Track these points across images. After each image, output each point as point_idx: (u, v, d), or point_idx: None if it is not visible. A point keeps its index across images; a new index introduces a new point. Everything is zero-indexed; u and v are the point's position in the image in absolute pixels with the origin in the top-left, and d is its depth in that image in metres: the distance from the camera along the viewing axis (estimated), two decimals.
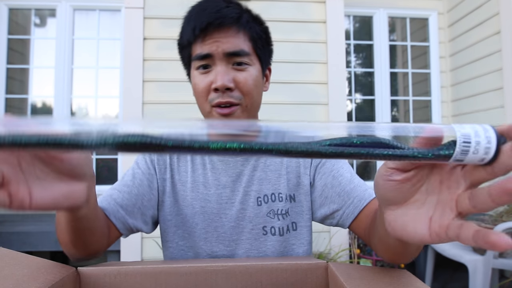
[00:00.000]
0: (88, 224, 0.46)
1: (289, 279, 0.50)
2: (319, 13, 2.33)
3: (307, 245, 0.71)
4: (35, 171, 0.31)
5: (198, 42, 0.63)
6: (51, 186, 0.31)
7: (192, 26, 0.62)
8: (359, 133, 0.25)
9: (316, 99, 2.29)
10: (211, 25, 0.60)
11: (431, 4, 2.82)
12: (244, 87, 0.63)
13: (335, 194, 0.67)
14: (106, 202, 0.62)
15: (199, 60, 0.63)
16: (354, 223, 0.65)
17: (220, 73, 0.61)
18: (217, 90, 0.62)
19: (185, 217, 0.69)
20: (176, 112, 2.18)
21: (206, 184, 0.70)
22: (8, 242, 2.13)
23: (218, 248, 0.68)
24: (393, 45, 2.95)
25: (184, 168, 0.71)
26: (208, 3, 0.64)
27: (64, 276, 0.42)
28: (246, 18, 0.64)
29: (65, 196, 0.32)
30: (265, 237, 0.68)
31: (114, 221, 0.62)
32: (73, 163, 0.33)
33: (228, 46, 0.62)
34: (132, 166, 0.70)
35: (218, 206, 0.69)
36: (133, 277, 0.47)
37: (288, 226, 0.69)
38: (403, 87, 2.97)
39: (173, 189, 0.70)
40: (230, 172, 0.70)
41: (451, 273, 2.40)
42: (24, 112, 2.87)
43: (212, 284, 0.49)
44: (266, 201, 0.69)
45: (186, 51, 0.67)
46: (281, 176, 0.70)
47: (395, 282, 0.43)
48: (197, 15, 0.62)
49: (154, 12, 2.21)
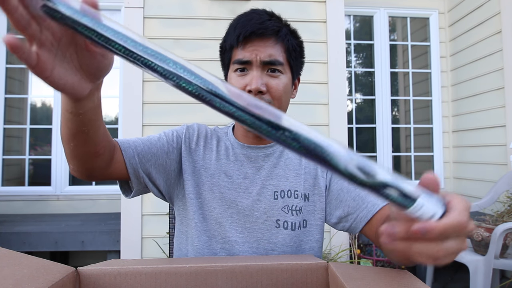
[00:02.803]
0: (87, 123, 0.47)
1: (289, 279, 0.50)
2: (319, 13, 2.33)
3: (315, 243, 0.75)
4: (67, 52, 0.35)
5: (239, 48, 0.70)
6: (69, 72, 0.36)
7: (237, 33, 0.69)
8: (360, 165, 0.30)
9: (316, 99, 2.29)
10: (253, 34, 0.68)
11: (431, 3, 2.82)
12: (275, 92, 0.70)
13: (350, 199, 0.72)
14: (127, 144, 0.67)
15: (239, 64, 0.71)
16: (366, 227, 0.70)
17: (255, 77, 0.69)
18: (250, 92, 0.68)
19: (204, 200, 0.74)
20: (176, 112, 2.18)
21: (227, 173, 0.75)
22: (8, 242, 2.13)
23: (231, 234, 0.72)
24: (394, 45, 2.95)
25: (209, 156, 0.77)
26: (254, 14, 0.71)
27: (64, 276, 0.42)
28: (285, 32, 0.72)
29: (72, 85, 0.37)
30: (277, 229, 0.72)
31: (125, 156, 0.65)
32: (99, 65, 0.38)
33: (266, 55, 0.69)
34: (160, 133, 0.76)
35: (236, 194, 0.74)
36: (133, 277, 0.47)
37: (300, 223, 0.73)
38: (403, 87, 2.97)
39: (195, 172, 0.75)
40: (251, 165, 0.76)
41: (451, 273, 2.40)
42: (23, 111, 2.87)
43: (212, 284, 0.49)
44: (283, 196, 0.74)
45: (227, 55, 0.74)
46: (299, 175, 0.76)
47: (396, 282, 0.42)
48: (243, 24, 0.70)
49: (154, 12, 2.21)
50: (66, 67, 0.36)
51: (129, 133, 2.14)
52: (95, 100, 0.45)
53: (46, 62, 0.33)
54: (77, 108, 0.43)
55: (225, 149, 0.78)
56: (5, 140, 2.79)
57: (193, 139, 0.77)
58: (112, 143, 0.60)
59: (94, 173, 0.59)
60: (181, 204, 0.76)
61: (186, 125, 0.79)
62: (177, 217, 0.79)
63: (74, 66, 0.37)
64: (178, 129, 0.78)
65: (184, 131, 0.77)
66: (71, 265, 0.47)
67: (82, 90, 0.39)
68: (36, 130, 2.86)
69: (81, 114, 0.44)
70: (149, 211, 2.12)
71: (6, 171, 2.80)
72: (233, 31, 0.71)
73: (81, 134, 0.48)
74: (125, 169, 0.66)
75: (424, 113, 2.89)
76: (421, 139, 2.92)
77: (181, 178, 0.75)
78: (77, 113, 0.44)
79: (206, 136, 0.79)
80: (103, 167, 0.59)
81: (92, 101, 0.44)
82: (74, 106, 0.43)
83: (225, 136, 0.80)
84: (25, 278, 0.38)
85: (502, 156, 2.29)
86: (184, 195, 0.75)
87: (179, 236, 0.78)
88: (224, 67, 0.77)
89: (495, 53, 2.33)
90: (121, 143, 0.66)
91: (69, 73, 0.36)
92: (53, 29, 0.33)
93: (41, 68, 0.33)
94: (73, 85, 0.37)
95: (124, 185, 0.72)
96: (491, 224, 1.78)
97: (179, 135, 0.77)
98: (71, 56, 0.36)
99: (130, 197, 0.72)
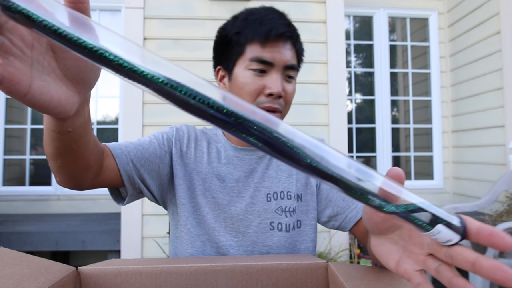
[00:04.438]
0: (77, 139, 0.41)
1: (289, 279, 0.50)
2: (319, 13, 2.33)
3: (310, 242, 0.74)
4: (44, 60, 0.29)
5: (261, 45, 0.66)
6: (52, 85, 0.29)
7: (266, 29, 0.64)
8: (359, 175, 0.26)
9: (316, 99, 2.29)
10: (284, 35, 0.65)
11: (431, 4, 2.82)
12: (289, 97, 0.69)
13: (340, 199, 0.72)
14: (119, 150, 0.62)
15: (258, 63, 0.66)
16: (355, 227, 0.70)
17: (278, 81, 0.66)
18: (270, 95, 0.66)
19: (197, 205, 0.71)
20: (176, 112, 2.18)
21: (219, 177, 0.73)
22: (9, 242, 2.13)
23: (225, 238, 0.70)
24: (393, 45, 2.95)
25: (200, 159, 0.74)
26: (274, 13, 0.68)
27: (64, 275, 0.42)
28: (297, 36, 0.70)
29: (59, 101, 0.30)
30: (272, 232, 0.71)
31: (119, 163, 0.60)
32: (81, 66, 0.31)
33: (289, 59, 0.67)
34: (149, 136, 0.71)
35: (229, 198, 0.72)
36: (133, 277, 0.47)
37: (294, 224, 0.73)
38: (403, 87, 2.97)
39: (187, 176, 0.72)
40: (244, 168, 0.74)
41: None
42: (24, 112, 2.87)
43: (212, 284, 0.49)
44: (276, 198, 0.73)
45: (237, 49, 0.68)
46: (291, 176, 0.75)
47: (395, 282, 0.43)
48: (270, 21, 0.65)
49: (154, 12, 2.21)
50: (47, 79, 0.29)
51: (129, 133, 2.14)
52: (85, 114, 0.38)
53: (18, 75, 0.26)
54: (65, 126, 0.37)
55: (217, 151, 0.75)
56: (6, 140, 2.79)
57: (183, 142, 0.74)
58: (101, 150, 0.54)
59: (84, 185, 0.53)
60: (174, 209, 0.73)
61: (175, 127, 0.75)
62: (171, 222, 0.76)
63: (56, 77, 0.30)
64: (167, 131, 0.74)
65: (174, 133, 0.73)
66: (72, 264, 0.47)
67: (70, 105, 0.32)
68: (37, 130, 2.86)
69: (70, 132, 0.38)
70: (149, 211, 2.12)
71: (7, 171, 2.80)
72: (257, 26, 0.65)
73: (70, 151, 0.42)
74: (117, 176, 0.61)
75: (424, 113, 2.89)
76: (421, 139, 2.92)
77: (172, 182, 0.72)
78: (65, 131, 0.38)
79: (196, 138, 0.75)
80: (92, 177, 0.53)
81: (83, 116, 0.38)
82: (61, 125, 0.36)
83: (215, 137, 0.77)
84: (25, 278, 0.38)
85: (501, 156, 2.29)
86: (176, 199, 0.72)
87: (174, 240, 0.75)
88: (227, 60, 0.71)
89: (494, 54, 2.33)
90: (112, 149, 0.61)
91: (52, 86, 0.29)
92: (21, 33, 0.27)
93: (13, 83, 0.26)
94: (60, 101, 0.30)
95: (114, 191, 0.67)
96: (490, 223, 1.78)
97: (169, 138, 0.72)
98: (50, 64, 0.30)
99: (124, 205, 0.68)
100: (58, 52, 0.30)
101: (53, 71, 0.30)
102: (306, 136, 0.25)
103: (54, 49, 0.30)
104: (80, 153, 0.44)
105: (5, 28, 0.26)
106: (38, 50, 0.28)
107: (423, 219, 0.26)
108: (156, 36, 2.19)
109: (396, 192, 0.25)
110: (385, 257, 0.36)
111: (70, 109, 0.32)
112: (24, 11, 0.22)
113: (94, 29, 0.23)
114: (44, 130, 0.40)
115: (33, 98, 0.28)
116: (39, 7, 0.22)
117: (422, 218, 0.26)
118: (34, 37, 0.28)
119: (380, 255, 0.37)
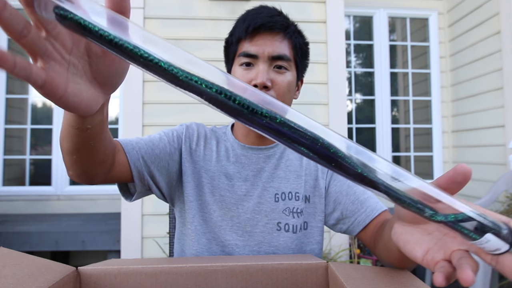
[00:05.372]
0: (94, 136, 0.43)
1: (289, 279, 0.50)
2: (319, 13, 2.33)
3: (316, 245, 0.74)
4: (79, 64, 0.30)
5: (247, 40, 0.68)
6: (83, 87, 0.31)
7: (246, 25, 0.68)
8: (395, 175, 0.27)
9: (316, 99, 2.29)
10: (263, 27, 0.67)
11: (431, 4, 2.82)
12: (280, 88, 0.68)
13: (349, 202, 0.71)
14: (130, 146, 0.63)
15: (245, 57, 0.68)
16: (363, 231, 0.69)
17: (261, 72, 0.66)
18: (256, 86, 0.66)
19: (204, 203, 0.72)
20: (177, 112, 2.18)
21: (227, 175, 0.73)
22: (9, 242, 2.13)
23: (231, 237, 0.70)
24: (393, 45, 2.95)
25: (209, 157, 0.75)
26: (263, 9, 0.70)
27: (64, 275, 0.42)
28: (293, 29, 0.71)
29: (88, 102, 0.32)
30: (279, 232, 0.71)
31: (130, 159, 0.62)
32: (112, 70, 0.33)
33: (273, 50, 0.68)
34: (159, 132, 0.73)
35: (237, 197, 0.72)
36: (134, 277, 0.47)
37: (301, 225, 0.72)
38: (403, 87, 2.97)
39: (195, 173, 0.73)
40: (252, 167, 0.74)
41: None
42: (24, 112, 2.87)
43: (212, 284, 0.49)
44: (283, 199, 0.72)
45: (233, 48, 0.72)
46: (300, 177, 0.75)
47: (395, 282, 0.43)
48: (252, 17, 0.68)
49: (154, 12, 2.21)
50: (79, 81, 0.30)
51: (129, 133, 2.14)
52: (105, 112, 0.40)
53: (57, 78, 0.27)
54: (85, 123, 0.39)
55: (225, 150, 0.76)
56: (6, 140, 2.79)
57: (193, 139, 0.75)
58: (114, 146, 0.56)
59: (96, 179, 0.55)
60: (182, 206, 0.74)
61: (185, 125, 0.76)
62: (177, 219, 0.77)
63: (87, 79, 0.31)
64: (177, 128, 0.75)
65: (184, 131, 0.75)
66: (72, 264, 0.47)
67: (96, 105, 0.33)
68: (36, 130, 2.86)
69: (89, 129, 0.40)
70: (149, 211, 2.12)
71: (7, 171, 2.80)
72: (241, 24, 0.69)
73: (87, 147, 0.44)
74: (128, 172, 0.62)
75: (424, 113, 2.89)
76: (421, 139, 2.92)
77: (181, 180, 0.73)
78: (85, 128, 0.39)
79: (205, 136, 0.76)
80: (105, 172, 0.55)
81: (102, 114, 0.39)
82: (81, 121, 0.38)
83: (224, 136, 0.78)
84: (25, 278, 0.38)
85: (501, 156, 2.29)
86: (183, 197, 0.73)
87: (181, 237, 0.76)
88: (228, 61, 0.75)
89: (494, 54, 2.33)
90: (124, 145, 0.62)
91: (84, 88, 0.31)
92: (63, 38, 0.28)
93: (52, 87, 0.27)
94: (88, 102, 0.32)
95: (123, 187, 0.69)
96: None
97: (179, 135, 0.74)
98: (83, 67, 0.31)
99: (132, 201, 0.69)
100: (93, 57, 0.31)
101: (85, 73, 0.31)
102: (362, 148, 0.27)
103: (89, 54, 0.31)
104: (96, 149, 0.46)
105: (51, 35, 0.27)
106: (75, 55, 0.30)
107: (471, 228, 0.26)
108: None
109: (448, 201, 0.26)
110: (412, 245, 0.36)
111: (95, 109, 0.34)
112: (81, 21, 0.24)
113: (149, 38, 0.25)
114: (63, 126, 0.42)
115: (67, 100, 0.29)
116: (85, 13, 0.24)
117: (471, 227, 0.26)
118: (74, 42, 0.29)
119: (405, 243, 0.37)
